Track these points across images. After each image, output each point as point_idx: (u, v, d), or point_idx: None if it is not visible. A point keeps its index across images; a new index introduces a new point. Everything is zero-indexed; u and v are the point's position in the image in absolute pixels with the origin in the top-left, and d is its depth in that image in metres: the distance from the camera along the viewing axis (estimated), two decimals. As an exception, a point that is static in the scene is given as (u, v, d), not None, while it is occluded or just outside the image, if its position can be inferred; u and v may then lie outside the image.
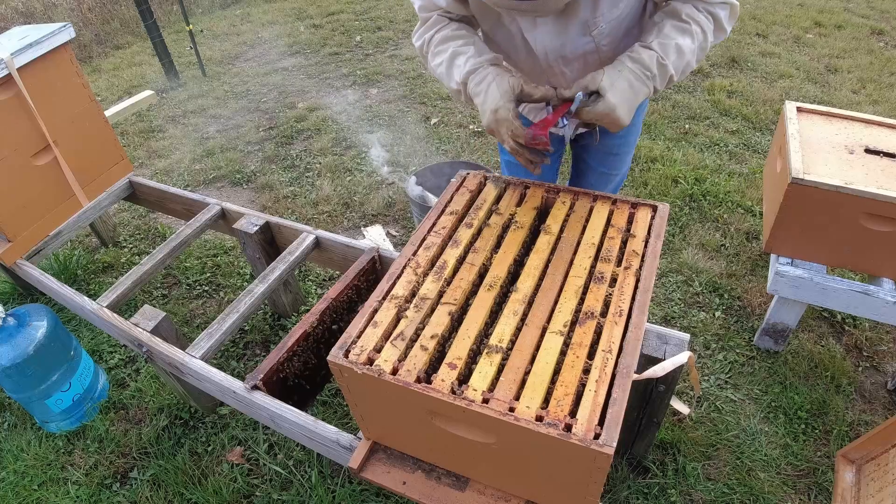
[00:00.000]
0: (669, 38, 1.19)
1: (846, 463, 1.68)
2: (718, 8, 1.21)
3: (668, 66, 1.19)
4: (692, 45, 1.20)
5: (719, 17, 1.22)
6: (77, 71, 2.26)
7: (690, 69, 1.26)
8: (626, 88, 1.19)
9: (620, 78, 1.19)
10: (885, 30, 4.86)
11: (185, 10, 4.68)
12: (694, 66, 1.25)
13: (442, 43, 1.32)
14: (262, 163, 3.58)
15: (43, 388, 1.91)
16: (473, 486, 1.24)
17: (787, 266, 1.92)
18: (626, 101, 1.19)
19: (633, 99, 1.20)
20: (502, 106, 1.22)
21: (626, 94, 1.19)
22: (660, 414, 1.54)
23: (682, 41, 1.19)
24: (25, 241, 2.21)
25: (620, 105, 1.19)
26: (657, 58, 1.19)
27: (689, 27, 1.19)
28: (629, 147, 1.70)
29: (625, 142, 1.67)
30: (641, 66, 1.19)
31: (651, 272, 1.22)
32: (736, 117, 3.64)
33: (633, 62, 1.20)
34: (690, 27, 1.19)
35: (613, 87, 1.18)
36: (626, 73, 1.19)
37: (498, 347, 1.09)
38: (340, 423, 1.95)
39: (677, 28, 1.20)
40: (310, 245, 1.99)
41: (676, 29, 1.20)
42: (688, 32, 1.20)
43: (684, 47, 1.19)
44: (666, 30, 1.20)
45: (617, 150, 1.68)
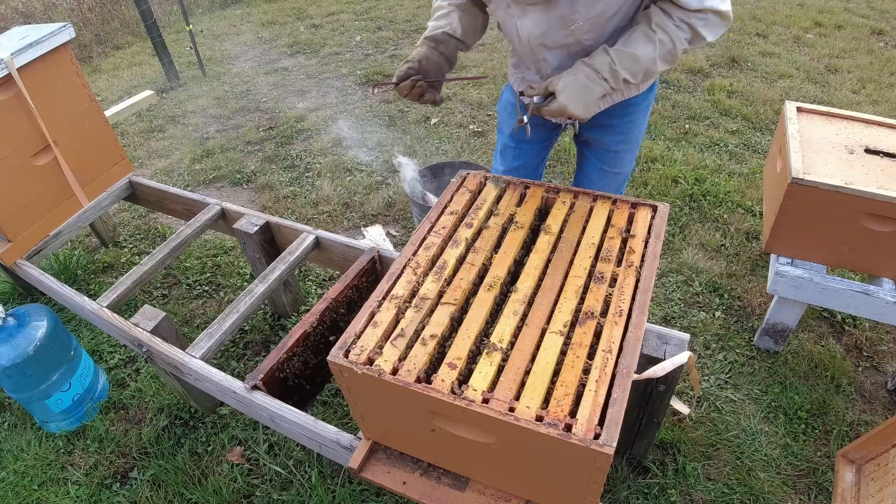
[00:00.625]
0: (630, 45, 1.30)
1: (846, 463, 1.68)
2: (694, 18, 1.26)
3: (619, 71, 1.32)
4: (652, 54, 1.30)
5: (695, 27, 1.27)
6: (77, 71, 2.26)
7: (654, 73, 1.36)
8: (580, 89, 1.33)
9: (574, 81, 1.34)
10: (885, 30, 4.87)
11: (185, 10, 4.68)
12: (658, 69, 1.34)
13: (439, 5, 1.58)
14: (262, 163, 3.58)
15: (43, 388, 1.91)
16: (473, 486, 1.24)
17: (787, 266, 1.92)
18: (579, 100, 1.34)
19: (587, 97, 1.34)
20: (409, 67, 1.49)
21: (578, 94, 1.33)
22: (660, 414, 1.54)
23: (641, 50, 1.29)
24: (25, 241, 2.21)
25: (572, 103, 1.33)
26: (609, 64, 1.31)
27: (655, 36, 1.28)
28: (630, 145, 1.70)
29: (624, 139, 1.67)
30: (594, 70, 1.33)
31: (651, 272, 1.22)
32: (736, 117, 3.64)
33: (587, 66, 1.34)
34: (656, 36, 1.28)
35: (566, 89, 1.33)
36: (580, 77, 1.34)
37: (498, 347, 1.09)
38: (340, 423, 1.95)
39: (643, 35, 1.29)
40: (310, 245, 1.99)
41: (642, 36, 1.29)
42: (651, 41, 1.29)
43: (641, 56, 1.30)
44: (633, 37, 1.31)
45: (616, 148, 1.69)
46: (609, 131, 1.64)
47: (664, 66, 1.34)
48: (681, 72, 4.22)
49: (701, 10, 1.24)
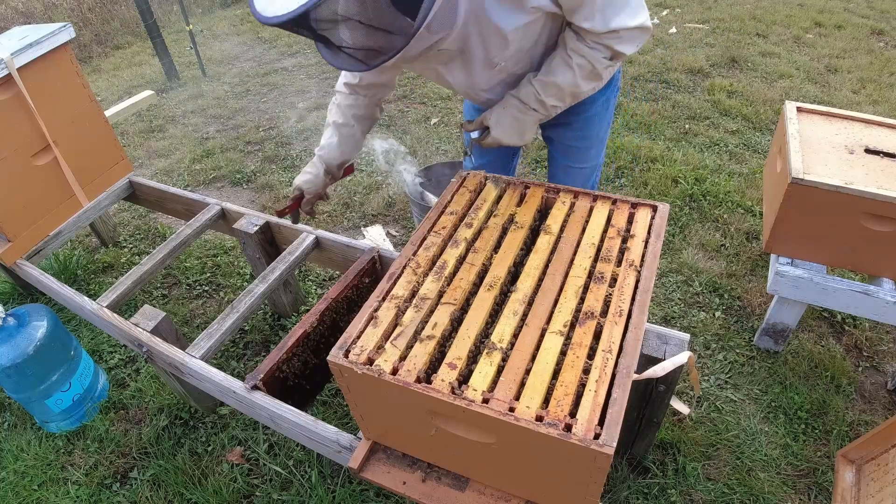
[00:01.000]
0: (551, 74, 1.35)
1: (846, 463, 1.68)
2: (607, 39, 1.27)
3: (545, 101, 1.38)
4: (573, 80, 1.34)
5: (613, 48, 1.29)
6: (77, 71, 2.26)
7: (582, 94, 1.40)
8: (511, 122, 1.43)
9: (505, 114, 1.43)
10: (885, 30, 4.87)
11: (185, 10, 4.68)
12: (584, 90, 1.38)
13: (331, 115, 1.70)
14: (262, 163, 3.58)
15: (43, 388, 1.91)
16: (473, 486, 1.24)
17: (787, 266, 1.92)
18: (513, 132, 1.44)
19: (519, 127, 1.44)
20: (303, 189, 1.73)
21: (511, 126, 1.43)
22: (660, 414, 1.54)
23: (561, 78, 1.34)
24: (25, 241, 2.21)
25: (506, 136, 1.45)
26: (535, 94, 1.37)
27: (572, 62, 1.31)
28: (591, 141, 1.72)
29: (584, 135, 1.69)
30: (521, 101, 1.40)
31: (651, 272, 1.22)
32: (736, 117, 3.64)
33: (515, 98, 1.41)
34: (573, 62, 1.31)
35: (498, 123, 1.44)
36: (510, 110, 1.42)
37: (498, 347, 1.09)
38: (340, 423, 1.95)
39: (562, 62, 1.33)
40: (310, 245, 1.99)
41: (562, 63, 1.33)
42: (569, 67, 1.32)
43: (563, 83, 1.34)
44: (553, 65, 1.35)
45: (577, 144, 1.72)
46: (567, 129, 1.68)
47: (589, 86, 1.37)
48: (681, 72, 4.22)
49: (609, 32, 1.25)
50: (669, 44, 4.71)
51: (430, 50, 1.26)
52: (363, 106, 1.64)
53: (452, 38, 1.25)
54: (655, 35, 4.88)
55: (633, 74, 4.22)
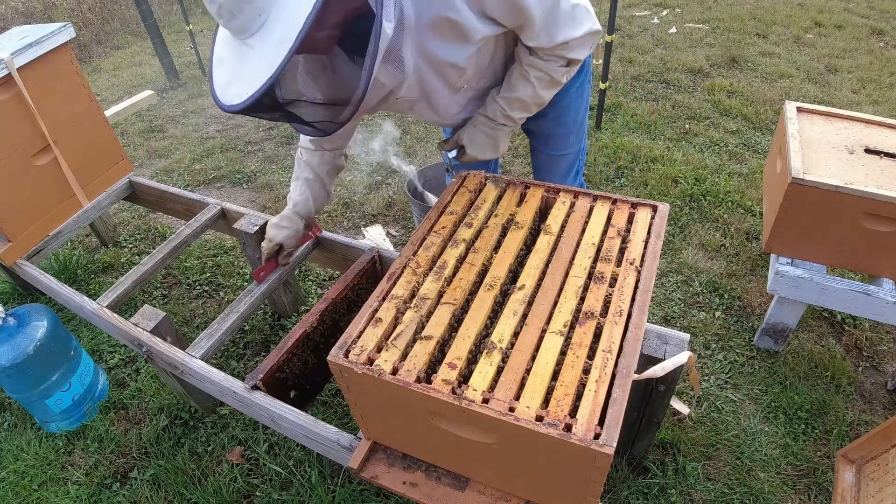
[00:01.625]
0: (513, 90, 1.39)
1: (846, 463, 1.68)
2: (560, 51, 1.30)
3: (512, 115, 1.43)
4: (533, 91, 1.38)
5: (566, 56, 1.32)
6: (77, 71, 2.26)
7: (545, 101, 1.45)
8: (483, 139, 1.50)
9: (476, 132, 1.49)
10: (885, 30, 4.86)
11: (185, 10, 4.68)
12: (546, 98, 1.43)
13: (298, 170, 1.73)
14: (262, 163, 3.58)
15: (43, 388, 1.91)
16: (473, 486, 1.24)
17: (787, 266, 1.92)
18: (486, 147, 1.51)
19: (492, 143, 1.50)
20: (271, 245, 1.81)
21: (484, 142, 1.50)
22: (660, 414, 1.54)
23: (522, 92, 1.39)
24: (25, 240, 2.21)
25: (480, 152, 1.51)
26: (501, 110, 1.43)
27: (529, 75, 1.36)
28: (568, 128, 1.73)
29: (561, 122, 1.71)
30: (490, 119, 1.46)
31: (651, 272, 1.22)
32: (736, 117, 3.64)
33: (484, 117, 1.47)
34: (530, 75, 1.36)
35: (472, 142, 1.50)
36: (481, 128, 1.49)
37: (498, 347, 1.09)
38: (340, 423, 1.95)
39: (521, 77, 1.37)
40: (310, 245, 1.99)
41: (520, 78, 1.38)
42: (528, 80, 1.37)
43: (525, 97, 1.39)
44: (513, 79, 1.39)
45: (555, 132, 1.74)
46: (544, 119, 1.70)
47: (551, 93, 1.42)
48: (681, 72, 4.22)
49: (557, 46, 1.28)
50: (669, 44, 4.71)
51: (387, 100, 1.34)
52: (329, 161, 1.70)
53: (407, 86, 1.32)
54: (655, 35, 4.88)
55: (633, 74, 4.22)
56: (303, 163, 1.71)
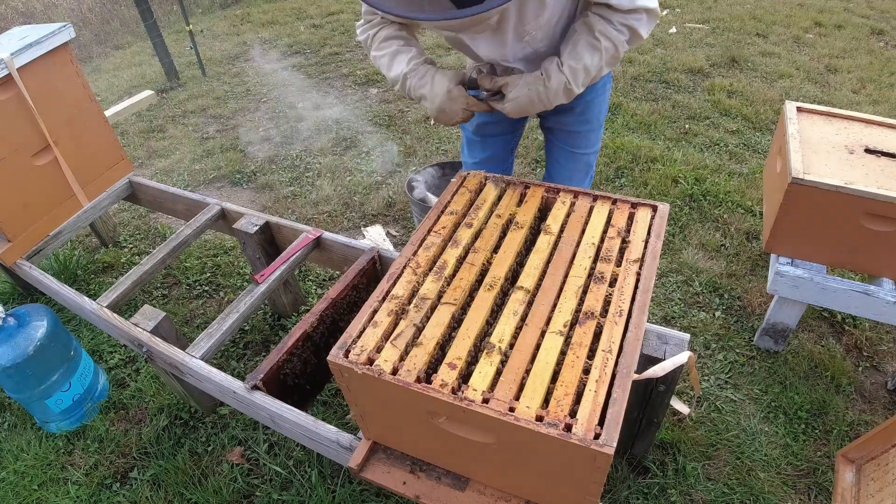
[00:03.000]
0: (580, 59, 1.33)
1: (846, 463, 1.68)
2: (633, 19, 1.29)
3: (573, 88, 1.36)
4: (599, 63, 1.34)
5: (635, 28, 1.30)
6: (77, 71, 2.26)
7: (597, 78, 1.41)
8: (526, 103, 1.40)
9: (526, 94, 1.38)
10: (885, 30, 4.86)
11: (185, 10, 4.68)
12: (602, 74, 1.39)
13: (385, 41, 1.48)
14: (262, 163, 3.58)
15: (43, 388, 1.91)
16: (473, 486, 1.24)
17: (787, 266, 1.92)
18: (519, 108, 1.41)
19: (527, 107, 1.41)
20: (453, 87, 1.41)
21: (521, 103, 1.40)
22: (660, 414, 1.54)
23: (590, 61, 1.33)
24: (25, 241, 2.21)
25: (512, 111, 1.42)
26: (564, 83, 1.35)
27: (600, 44, 1.31)
28: (592, 125, 1.73)
29: (585, 119, 1.70)
30: (547, 88, 1.36)
31: (651, 272, 1.22)
32: (736, 117, 3.64)
33: (543, 86, 1.37)
34: (600, 44, 1.31)
35: (515, 99, 1.39)
36: (532, 93, 1.37)
37: (498, 347, 1.09)
38: (340, 423, 1.95)
39: (589, 46, 1.32)
40: (310, 245, 1.99)
41: (588, 47, 1.32)
42: (597, 49, 1.32)
43: (591, 67, 1.34)
44: (579, 48, 1.33)
45: (578, 129, 1.73)
46: (570, 114, 1.69)
47: (607, 70, 1.39)
48: (681, 72, 4.22)
49: (635, 10, 1.28)
50: (669, 44, 4.71)
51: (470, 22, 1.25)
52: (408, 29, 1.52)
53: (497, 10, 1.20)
54: (655, 35, 4.88)
55: (633, 74, 4.22)
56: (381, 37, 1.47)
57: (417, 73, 1.43)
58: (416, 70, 1.43)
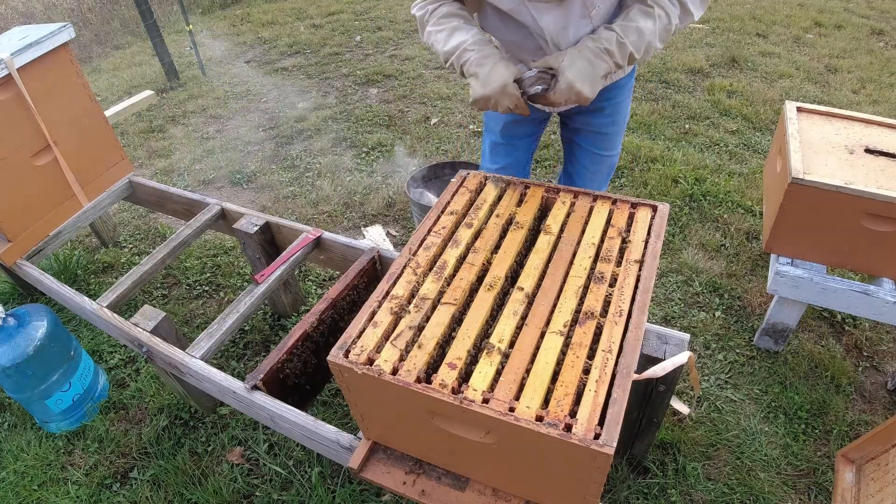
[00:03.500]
0: (632, 20, 1.30)
1: (846, 463, 1.68)
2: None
3: (626, 44, 1.29)
4: (653, 28, 1.29)
5: (685, 3, 1.30)
6: (77, 71, 2.26)
7: (654, 49, 1.34)
8: (586, 65, 1.29)
9: (580, 57, 1.29)
10: (885, 30, 4.86)
11: (185, 10, 4.68)
12: (658, 46, 1.34)
13: (445, 17, 1.43)
14: (262, 163, 3.58)
15: (43, 388, 1.91)
16: (473, 486, 1.24)
17: (787, 266, 1.92)
18: (586, 77, 1.29)
19: (593, 74, 1.30)
20: (511, 84, 1.34)
21: (585, 70, 1.29)
22: (660, 414, 1.53)
23: (643, 24, 1.29)
24: (25, 241, 2.21)
25: (579, 80, 1.29)
26: (616, 37, 1.29)
27: (653, 11, 1.29)
28: (618, 127, 1.72)
29: (612, 121, 1.69)
30: (600, 44, 1.29)
31: (651, 272, 1.22)
32: (736, 117, 3.64)
33: (593, 41, 1.30)
34: (654, 11, 1.29)
35: (572, 65, 1.29)
36: (586, 52, 1.30)
37: (498, 347, 1.09)
38: (340, 423, 1.95)
39: (642, 12, 1.30)
40: (310, 245, 1.99)
41: (641, 13, 1.30)
42: (650, 16, 1.29)
43: (644, 29, 1.29)
44: (632, 13, 1.31)
45: (607, 130, 1.72)
46: (599, 114, 1.67)
47: (660, 43, 1.34)
48: (681, 72, 4.22)
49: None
50: (669, 44, 4.71)
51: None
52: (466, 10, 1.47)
53: None
54: (655, 35, 4.88)
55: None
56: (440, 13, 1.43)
57: (480, 51, 1.36)
58: (480, 48, 1.36)
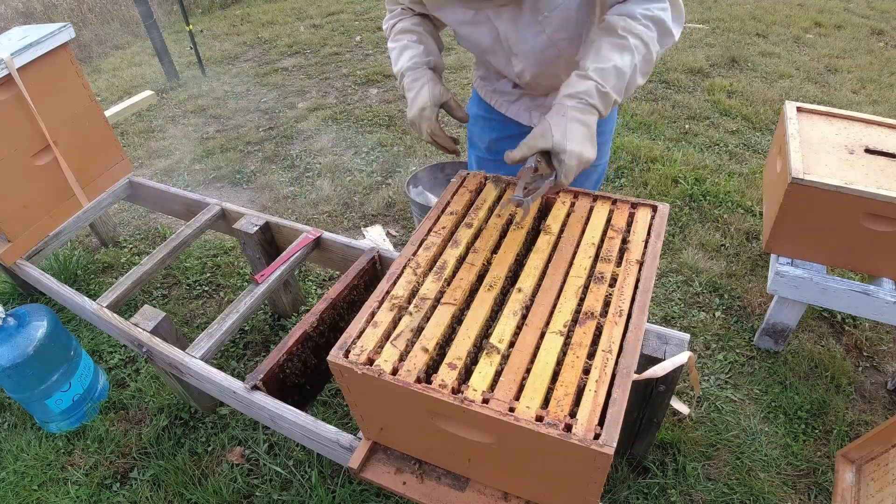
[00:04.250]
0: (607, 59, 1.14)
1: (846, 463, 1.68)
2: (659, 11, 1.14)
3: (609, 93, 1.16)
4: (632, 63, 1.15)
5: (662, 21, 1.15)
6: (77, 71, 2.26)
7: (636, 85, 1.20)
8: (579, 127, 1.16)
9: (568, 122, 1.16)
10: (885, 30, 4.86)
11: (185, 10, 4.68)
12: (640, 81, 1.20)
13: (400, 33, 1.44)
14: (262, 163, 3.58)
15: (43, 388, 1.91)
16: (473, 486, 1.24)
17: (787, 266, 1.92)
18: (586, 140, 1.17)
19: (590, 133, 1.18)
20: (429, 107, 1.35)
21: (581, 133, 1.16)
22: (660, 414, 1.53)
23: (620, 61, 1.14)
24: (25, 241, 2.21)
25: (584, 148, 1.16)
26: (596, 87, 1.15)
27: (627, 42, 1.14)
28: (606, 137, 1.69)
29: (601, 131, 1.62)
30: (580, 100, 1.16)
31: (651, 272, 1.22)
32: (736, 117, 3.64)
33: (571, 99, 1.17)
34: (628, 42, 1.14)
35: (568, 136, 1.15)
36: (571, 113, 1.16)
37: (498, 347, 1.09)
38: (340, 423, 1.95)
39: (615, 46, 1.15)
40: (310, 245, 1.99)
41: (614, 47, 1.15)
42: (626, 49, 1.14)
43: (624, 68, 1.14)
44: (603, 50, 1.16)
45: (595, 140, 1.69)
46: None
47: (642, 78, 1.21)
48: (681, 72, 4.22)
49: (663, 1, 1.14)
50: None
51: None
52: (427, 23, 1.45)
53: None
54: (655, 35, 4.88)
55: (633, 74, 4.22)
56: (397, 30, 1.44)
57: (412, 74, 1.38)
58: (412, 72, 1.38)
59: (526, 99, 1.60)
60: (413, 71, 1.39)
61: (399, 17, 1.46)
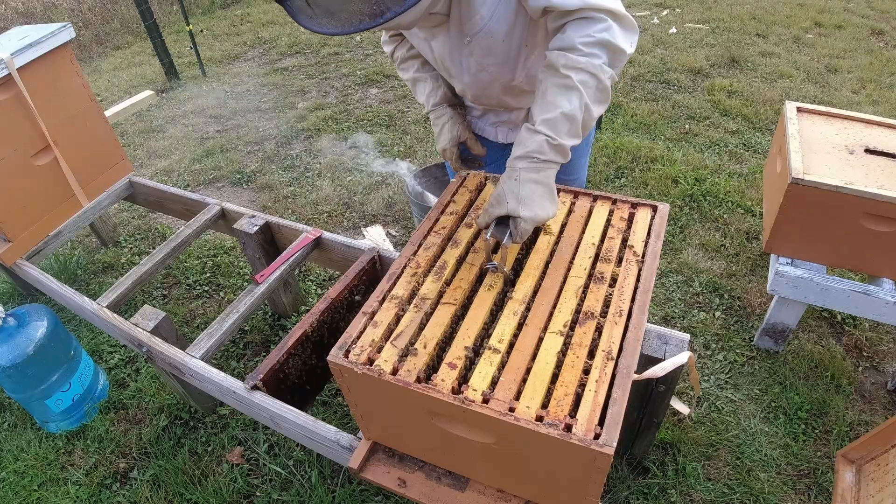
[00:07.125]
0: (554, 107, 1.11)
1: (846, 463, 1.68)
2: (601, 34, 1.08)
3: (561, 143, 1.12)
4: (581, 102, 1.10)
5: (608, 43, 1.09)
6: (77, 71, 2.26)
7: (594, 120, 1.16)
8: (534, 188, 1.13)
9: (521, 185, 1.13)
10: (885, 30, 4.86)
11: (185, 10, 4.68)
12: (599, 112, 1.16)
13: (404, 61, 1.56)
14: (262, 163, 3.58)
15: (43, 388, 1.91)
16: (473, 486, 1.24)
17: (787, 266, 1.92)
18: (544, 199, 1.15)
19: (545, 191, 1.15)
20: (448, 148, 1.54)
21: (538, 194, 1.14)
22: (660, 414, 1.53)
23: (568, 106, 1.10)
24: (25, 241, 2.21)
25: (539, 207, 1.14)
26: (547, 141, 1.12)
27: (571, 81, 1.09)
28: (581, 150, 1.69)
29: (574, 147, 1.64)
30: (532, 160, 1.13)
31: (651, 272, 1.22)
32: (736, 117, 3.64)
33: (522, 160, 1.14)
34: (572, 81, 1.09)
35: (522, 201, 1.13)
36: (524, 175, 1.13)
37: (498, 348, 1.09)
38: (340, 423, 1.95)
39: (560, 88, 1.10)
40: (310, 245, 1.99)
41: (559, 90, 1.10)
42: (572, 89, 1.09)
43: (573, 111, 1.10)
44: (549, 95, 1.12)
45: None
46: None
47: (599, 108, 1.14)
48: (681, 72, 4.22)
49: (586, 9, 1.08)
50: (669, 44, 4.71)
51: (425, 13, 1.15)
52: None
53: None
54: (655, 35, 4.88)
55: (633, 74, 4.22)
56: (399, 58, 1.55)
57: (436, 112, 1.55)
58: (435, 110, 1.55)
59: (490, 115, 1.62)
60: (435, 109, 1.55)
61: (395, 43, 1.56)
